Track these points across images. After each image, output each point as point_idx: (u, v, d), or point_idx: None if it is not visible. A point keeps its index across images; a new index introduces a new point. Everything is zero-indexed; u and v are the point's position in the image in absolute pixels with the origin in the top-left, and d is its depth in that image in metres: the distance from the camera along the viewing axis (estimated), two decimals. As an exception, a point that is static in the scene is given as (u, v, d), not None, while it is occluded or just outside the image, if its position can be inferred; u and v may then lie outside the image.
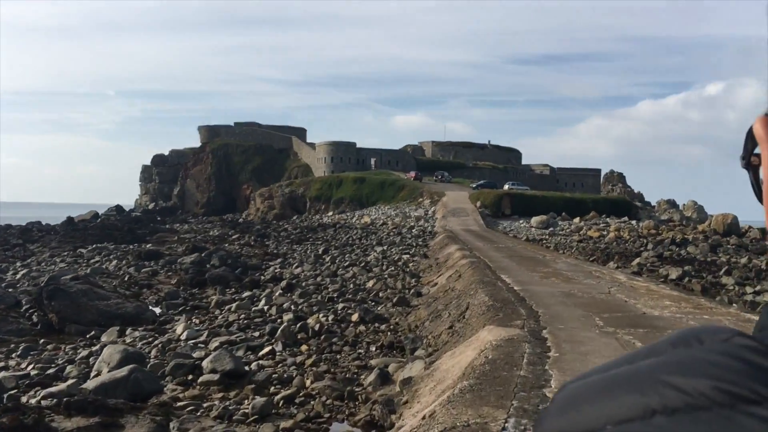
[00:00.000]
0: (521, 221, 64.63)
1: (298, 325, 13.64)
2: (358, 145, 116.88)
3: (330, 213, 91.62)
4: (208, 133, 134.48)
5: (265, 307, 16.17)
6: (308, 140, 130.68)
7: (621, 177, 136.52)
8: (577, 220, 62.99)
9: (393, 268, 28.22)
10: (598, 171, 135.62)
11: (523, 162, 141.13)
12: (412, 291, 19.90)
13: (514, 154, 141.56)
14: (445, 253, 28.86)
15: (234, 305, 16.72)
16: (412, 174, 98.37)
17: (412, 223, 63.30)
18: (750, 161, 0.62)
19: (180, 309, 17.39)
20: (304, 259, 31.70)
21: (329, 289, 20.60)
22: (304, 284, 21.97)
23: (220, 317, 15.76)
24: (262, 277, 24.26)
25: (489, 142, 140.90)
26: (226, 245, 43.38)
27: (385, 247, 38.89)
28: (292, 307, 16.39)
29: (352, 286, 21.55)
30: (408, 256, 34.15)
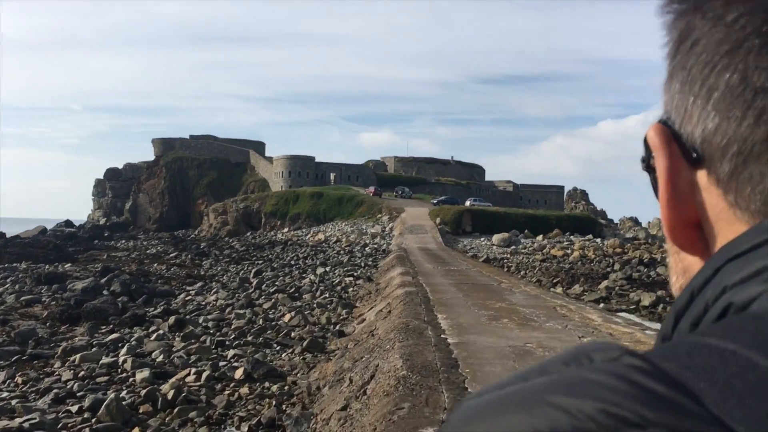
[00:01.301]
0: (482, 239, 61.35)
1: (143, 393, 9.70)
2: (318, 160, 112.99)
3: (285, 229, 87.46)
4: (163, 145, 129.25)
5: (120, 359, 12.08)
6: (269, 155, 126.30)
7: (584, 194, 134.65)
8: (540, 237, 59.82)
9: (327, 295, 24.38)
10: (562, 188, 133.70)
11: (487, 178, 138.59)
12: (337, 328, 16.04)
13: (477, 170, 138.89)
14: (388, 276, 25.07)
15: (78, 356, 12.61)
16: (372, 189, 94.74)
17: (367, 241, 59.63)
18: (649, 164, 0.64)
19: (15, 358, 13.21)
20: (229, 282, 27.61)
21: (232, 326, 16.60)
22: (203, 319, 17.89)
23: (56, 374, 11.70)
24: (151, 311, 20.04)
25: (452, 158, 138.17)
26: (156, 265, 39.04)
27: (328, 268, 35.01)
28: (162, 356, 12.38)
29: (261, 321, 17.56)
30: (351, 278, 30.36)
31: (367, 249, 51.36)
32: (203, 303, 22.37)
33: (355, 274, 32.42)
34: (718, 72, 0.56)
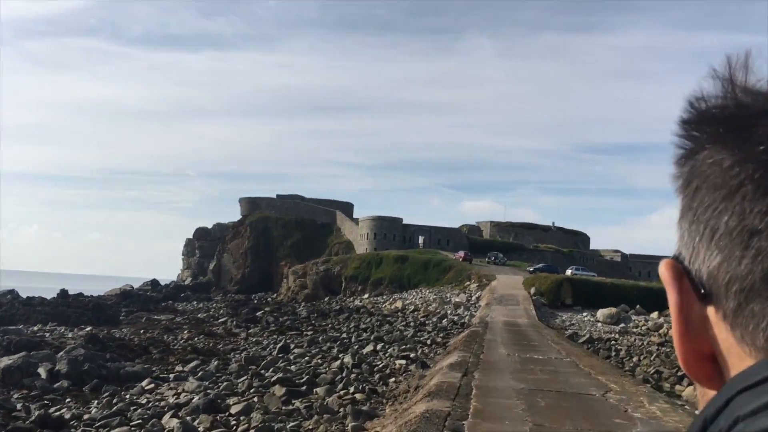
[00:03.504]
0: (585, 313, 52.14)
1: None
2: (405, 221, 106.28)
3: (366, 295, 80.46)
4: (249, 205, 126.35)
5: None
6: (358, 216, 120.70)
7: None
8: (655, 315, 49.94)
9: (353, 389, 16.87)
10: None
11: (591, 247, 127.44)
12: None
13: (580, 238, 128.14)
14: (443, 364, 17.28)
15: None
16: (461, 254, 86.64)
17: (448, 311, 51.67)
18: None
19: None
20: (232, 362, 20.57)
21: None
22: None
23: None
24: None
25: (553, 224, 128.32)
26: (185, 332, 32.65)
27: (381, 345, 27.46)
28: None
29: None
30: (402, 362, 22.76)
31: (444, 321, 43.61)
32: (158, 400, 15.30)
33: (412, 355, 24.78)
34: (718, 214, 0.60)
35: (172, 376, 19.73)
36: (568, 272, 73.01)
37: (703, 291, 0.63)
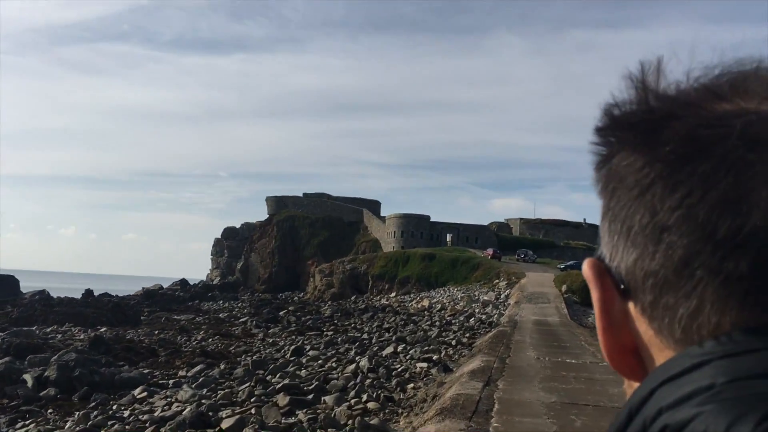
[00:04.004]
0: (619, 312, 49.95)
1: None
2: (433, 219, 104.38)
3: (393, 294, 78.92)
4: (276, 204, 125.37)
5: None
6: (384, 215, 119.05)
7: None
8: (694, 312, 47.56)
9: (366, 396, 15.36)
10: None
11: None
12: None
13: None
14: (464, 370, 15.65)
15: None
16: (490, 252, 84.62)
17: (476, 310, 49.84)
18: None
19: None
20: (240, 366, 19.13)
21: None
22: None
23: None
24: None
25: (584, 220, 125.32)
26: (201, 332, 31.38)
27: (402, 347, 25.87)
28: None
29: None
30: (423, 365, 21.16)
31: (471, 320, 41.85)
32: (144, 412, 13.88)
33: (435, 357, 23.16)
34: (632, 213, 0.64)
35: (171, 382, 18.37)
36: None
37: (622, 287, 0.66)
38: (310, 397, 15.01)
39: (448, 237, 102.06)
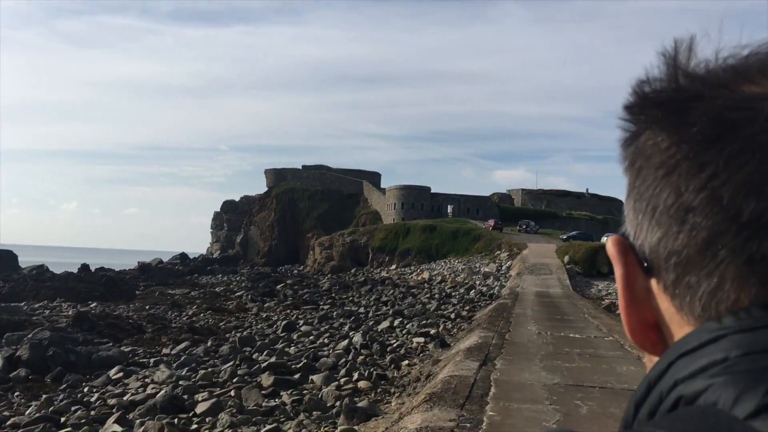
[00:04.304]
0: (623, 283, 48.99)
1: None
2: (434, 191, 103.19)
3: (393, 266, 78.14)
4: (275, 176, 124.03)
5: None
6: (385, 187, 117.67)
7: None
8: (699, 283, 46.59)
9: (357, 375, 14.46)
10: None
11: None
12: None
13: (615, 205, 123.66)
14: (460, 347, 14.73)
15: None
16: (491, 223, 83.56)
17: (477, 282, 48.96)
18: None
19: None
20: (217, 346, 18.18)
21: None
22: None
23: None
24: None
25: (587, 190, 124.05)
26: (192, 308, 30.50)
27: (399, 321, 24.97)
28: None
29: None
30: (420, 340, 20.28)
31: (471, 293, 40.97)
32: (116, 395, 12.94)
33: (432, 332, 22.27)
34: (658, 192, 0.64)
35: (153, 361, 17.45)
36: (604, 239, 69.61)
37: (646, 264, 0.67)
38: (297, 376, 14.06)
39: (449, 208, 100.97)
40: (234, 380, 14.00)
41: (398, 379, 14.88)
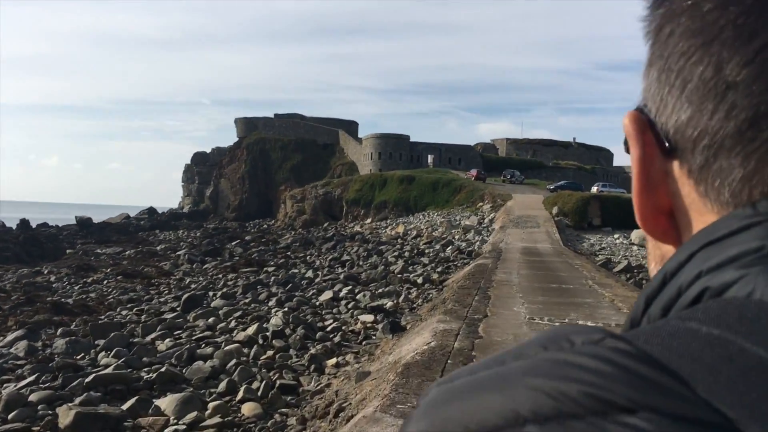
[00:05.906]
0: (616, 235, 44.01)
1: None
2: (413, 139, 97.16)
3: (368, 220, 72.62)
4: (246, 126, 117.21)
5: None
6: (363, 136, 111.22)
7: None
8: (704, 235, 41.48)
9: (240, 394, 8.83)
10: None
11: (615, 164, 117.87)
12: None
13: (603, 154, 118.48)
14: (403, 353, 9.20)
15: None
16: (474, 173, 78.07)
17: (456, 237, 43.56)
18: (628, 148, 0.65)
19: None
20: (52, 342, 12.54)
21: None
22: None
23: None
24: None
25: (574, 139, 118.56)
26: (98, 271, 24.80)
27: (348, 288, 19.45)
28: None
29: None
30: (368, 319, 14.82)
31: (448, 249, 35.56)
32: None
33: (388, 305, 16.79)
34: (693, 64, 0.55)
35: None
36: (594, 189, 64.44)
37: (668, 145, 0.59)
38: (131, 402, 8.47)
39: (430, 158, 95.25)
40: (10, 416, 8.36)
41: (309, 395, 9.39)
